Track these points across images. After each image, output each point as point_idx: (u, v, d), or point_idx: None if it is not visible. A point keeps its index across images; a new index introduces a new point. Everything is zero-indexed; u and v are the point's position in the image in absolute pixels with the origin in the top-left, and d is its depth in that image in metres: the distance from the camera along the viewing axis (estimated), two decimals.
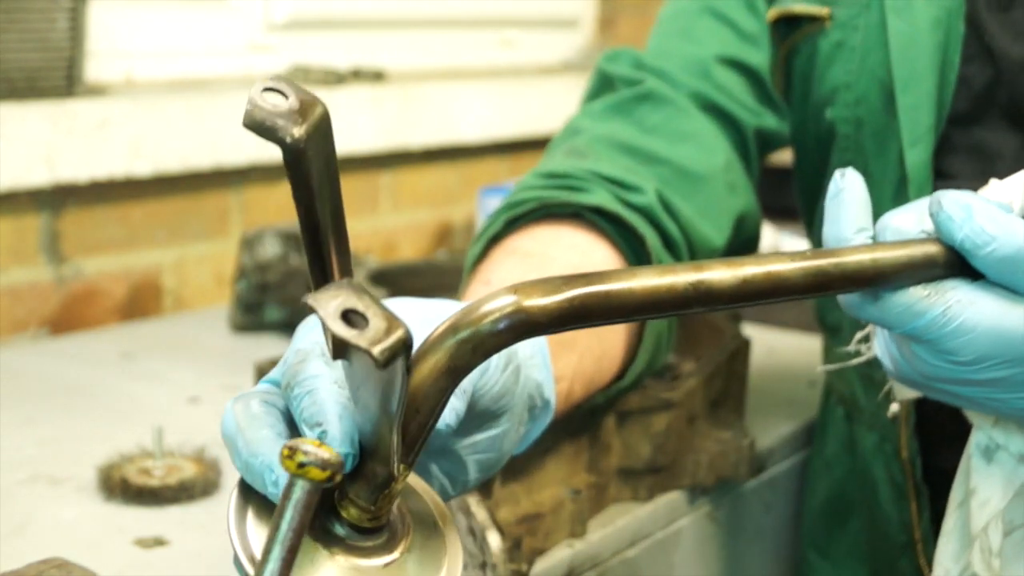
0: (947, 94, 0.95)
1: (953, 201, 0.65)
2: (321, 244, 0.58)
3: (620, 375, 0.93)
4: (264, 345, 1.39)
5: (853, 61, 1.00)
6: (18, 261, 1.42)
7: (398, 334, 0.49)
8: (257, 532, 0.58)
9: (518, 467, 0.88)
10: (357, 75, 1.77)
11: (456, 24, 2.00)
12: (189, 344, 1.41)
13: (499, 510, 0.84)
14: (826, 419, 1.16)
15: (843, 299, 0.68)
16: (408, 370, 0.52)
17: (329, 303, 0.50)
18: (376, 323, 0.49)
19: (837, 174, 0.69)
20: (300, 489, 0.50)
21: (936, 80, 0.95)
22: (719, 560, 1.09)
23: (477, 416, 0.68)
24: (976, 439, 0.74)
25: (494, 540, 0.81)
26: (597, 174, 0.96)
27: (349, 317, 0.50)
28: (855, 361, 0.84)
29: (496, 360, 0.68)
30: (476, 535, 0.81)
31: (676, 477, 0.99)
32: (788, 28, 1.06)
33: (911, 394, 0.79)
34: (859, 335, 0.83)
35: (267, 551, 0.51)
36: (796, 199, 1.14)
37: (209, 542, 0.90)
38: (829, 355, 1.12)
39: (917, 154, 0.95)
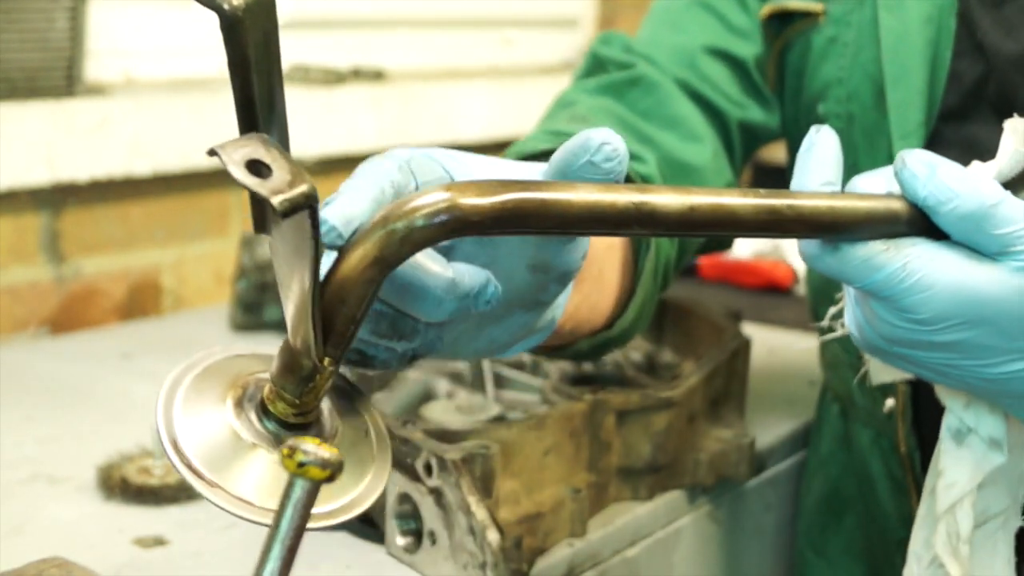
0: (938, 90, 0.96)
1: (917, 159, 0.65)
2: (255, 121, 0.57)
3: (607, 326, 0.92)
4: (264, 344, 1.38)
5: (846, 57, 1.01)
6: (18, 260, 1.42)
7: (302, 188, 0.48)
8: (183, 416, 0.57)
9: (518, 467, 0.88)
10: (357, 75, 1.77)
11: (456, 24, 2.00)
12: (189, 344, 1.40)
13: (499, 510, 0.84)
14: (822, 416, 1.16)
15: (803, 250, 0.67)
16: (316, 234, 0.51)
17: (235, 151, 0.49)
18: (280, 175, 0.49)
19: (812, 130, 0.68)
20: (300, 489, 0.50)
21: (926, 76, 0.95)
22: (719, 559, 1.09)
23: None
24: (948, 421, 0.74)
25: (494, 539, 0.81)
26: None
27: (256, 168, 0.49)
28: (828, 337, 0.84)
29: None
30: (476, 535, 0.81)
31: (676, 476, 0.99)
32: (781, 24, 1.06)
33: (887, 377, 0.78)
34: (832, 310, 0.83)
35: (267, 550, 0.51)
36: None
37: (209, 542, 0.90)
38: (824, 351, 1.12)
39: (905, 149, 0.95)
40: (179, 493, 0.95)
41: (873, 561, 1.11)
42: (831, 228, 0.64)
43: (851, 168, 1.02)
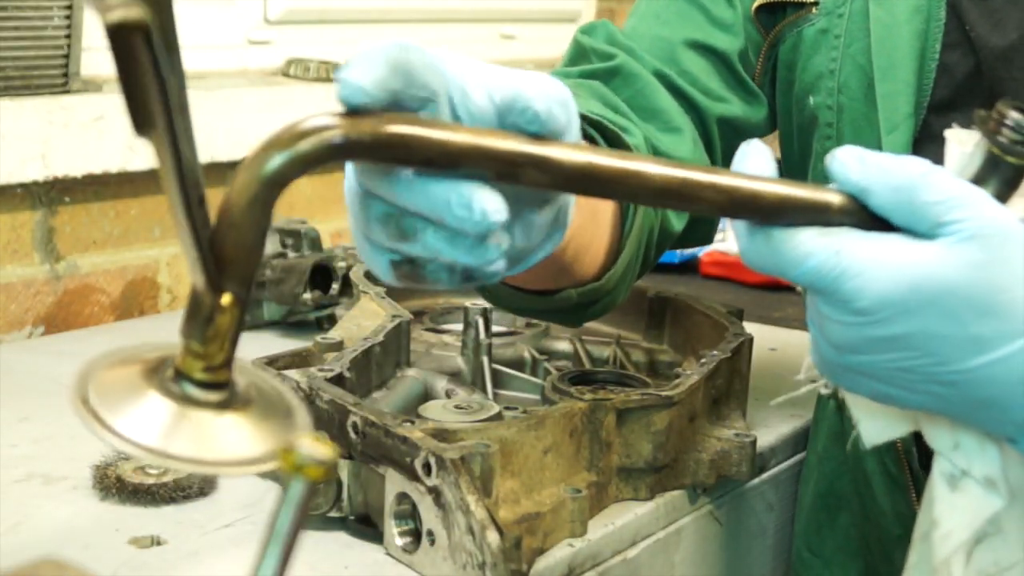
0: (927, 81, 0.96)
1: (848, 152, 0.65)
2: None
3: (596, 278, 0.93)
4: (261, 342, 1.38)
5: (837, 48, 1.02)
6: (13, 258, 1.41)
7: (134, 11, 0.48)
8: (99, 375, 0.58)
9: (518, 466, 0.87)
10: None
11: (455, 18, 1.99)
12: None
13: (499, 509, 0.84)
14: (819, 413, 1.16)
15: (737, 239, 0.66)
16: (158, 71, 0.51)
17: None
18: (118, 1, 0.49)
19: (744, 145, 0.67)
20: (297, 488, 0.50)
21: (914, 67, 0.96)
22: (720, 560, 1.08)
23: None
24: (940, 467, 0.71)
25: (493, 540, 0.80)
26: (591, 111, 0.97)
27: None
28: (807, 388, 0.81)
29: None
30: (475, 534, 0.80)
31: (677, 476, 0.99)
32: (773, 16, 1.07)
33: (878, 437, 0.74)
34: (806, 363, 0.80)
35: (264, 550, 0.50)
36: None
37: (205, 541, 0.89)
38: None
39: (893, 141, 0.96)
40: (175, 493, 0.95)
41: (870, 559, 1.10)
42: (752, 207, 0.63)
43: None
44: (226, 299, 0.56)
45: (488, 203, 0.59)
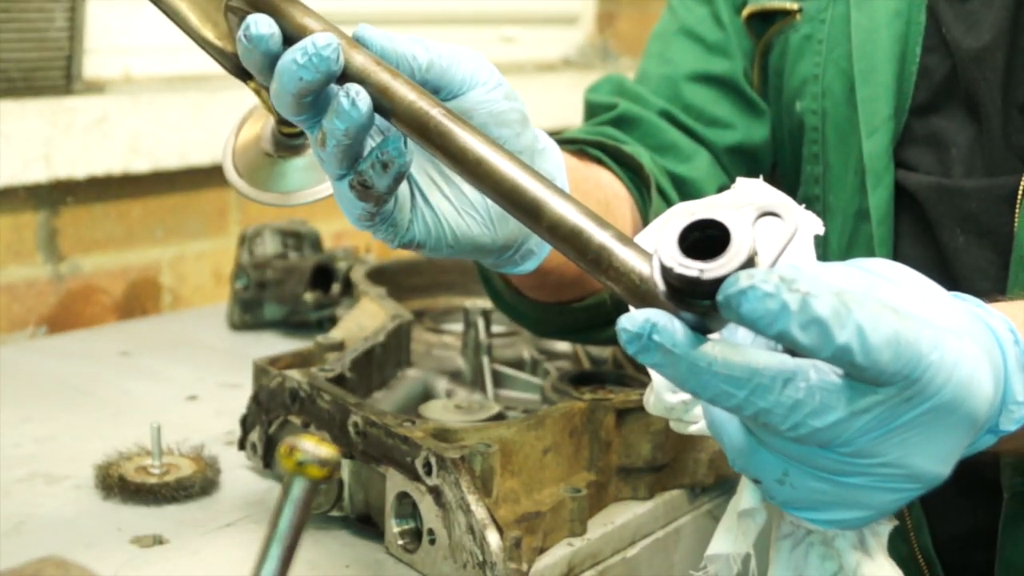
0: (907, 84, 0.97)
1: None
2: None
3: None
4: (263, 343, 1.38)
5: (820, 54, 1.03)
6: (16, 259, 1.42)
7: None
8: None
9: (518, 466, 0.88)
10: None
11: (456, 20, 2.00)
12: (187, 342, 1.40)
13: (499, 509, 0.84)
14: None
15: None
16: None
17: None
18: None
19: None
20: (298, 487, 0.50)
21: (894, 71, 0.97)
22: None
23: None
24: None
25: (493, 539, 0.80)
26: (584, 135, 1.03)
27: None
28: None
29: (493, 82, 0.80)
30: (475, 534, 0.81)
31: (676, 475, 0.99)
32: (762, 25, 1.08)
33: (693, 428, 0.73)
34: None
35: (266, 549, 0.51)
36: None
37: (207, 540, 0.90)
38: None
39: (874, 144, 0.97)
40: (177, 492, 0.95)
41: None
42: (516, 201, 0.66)
43: (825, 164, 1.03)
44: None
45: (319, 39, 0.72)
